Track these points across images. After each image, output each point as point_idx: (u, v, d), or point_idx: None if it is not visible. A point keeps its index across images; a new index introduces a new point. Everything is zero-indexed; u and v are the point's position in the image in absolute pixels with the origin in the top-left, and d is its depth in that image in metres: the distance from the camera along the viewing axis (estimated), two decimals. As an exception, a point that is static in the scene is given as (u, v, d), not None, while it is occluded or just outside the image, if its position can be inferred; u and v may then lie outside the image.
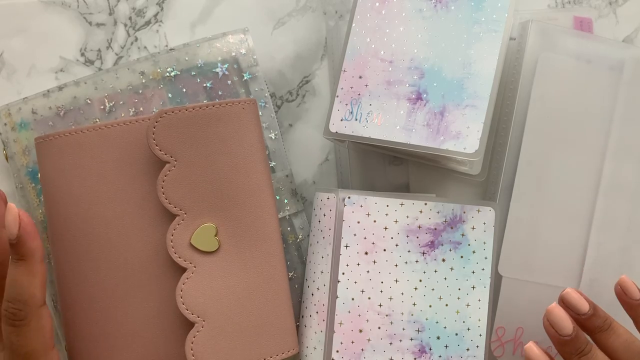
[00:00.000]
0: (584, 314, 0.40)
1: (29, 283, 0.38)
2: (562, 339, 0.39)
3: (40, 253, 0.38)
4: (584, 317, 0.40)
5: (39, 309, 0.38)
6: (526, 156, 0.46)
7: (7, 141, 0.48)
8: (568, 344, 0.39)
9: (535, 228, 0.46)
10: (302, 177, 0.51)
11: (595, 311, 0.40)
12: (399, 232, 0.44)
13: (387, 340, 0.43)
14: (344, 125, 0.45)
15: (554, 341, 0.40)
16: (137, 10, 0.52)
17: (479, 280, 0.44)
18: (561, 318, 0.40)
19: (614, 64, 0.47)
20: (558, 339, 0.40)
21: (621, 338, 0.40)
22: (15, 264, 0.38)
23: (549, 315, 0.40)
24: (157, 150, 0.42)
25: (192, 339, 0.41)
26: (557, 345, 0.40)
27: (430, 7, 0.44)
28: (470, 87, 0.42)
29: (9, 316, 0.38)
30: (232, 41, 0.49)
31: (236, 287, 0.42)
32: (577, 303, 0.40)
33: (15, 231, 0.37)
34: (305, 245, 0.49)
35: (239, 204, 0.43)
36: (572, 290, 0.41)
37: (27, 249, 0.38)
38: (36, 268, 0.38)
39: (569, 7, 0.52)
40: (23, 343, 0.38)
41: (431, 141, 0.42)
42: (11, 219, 0.37)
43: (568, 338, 0.39)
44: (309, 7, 0.52)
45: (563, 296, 0.41)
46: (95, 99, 0.48)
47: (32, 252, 0.38)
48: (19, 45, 0.51)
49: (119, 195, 0.43)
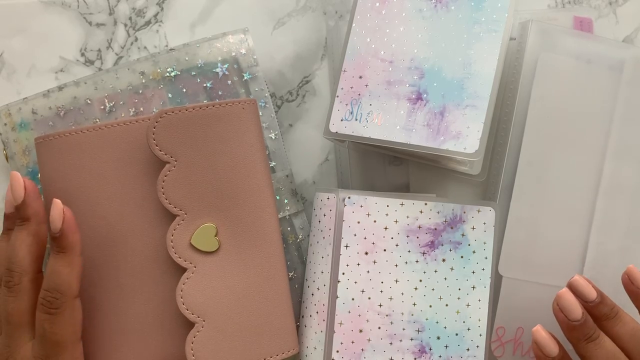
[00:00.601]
0: (591, 301, 0.40)
1: (67, 274, 0.40)
2: (571, 324, 0.40)
3: (79, 247, 0.40)
4: (591, 304, 0.40)
5: (74, 300, 0.40)
6: (526, 156, 0.46)
7: (7, 141, 0.48)
8: (577, 329, 0.40)
9: (536, 228, 0.46)
10: (302, 177, 0.51)
11: (603, 299, 0.40)
12: (399, 232, 0.44)
13: (387, 340, 0.43)
14: (344, 125, 0.45)
15: (562, 326, 0.40)
16: (137, 11, 0.52)
17: (479, 280, 0.44)
18: (571, 303, 0.40)
19: (614, 64, 0.47)
20: (567, 324, 0.40)
21: (628, 326, 0.40)
22: (56, 255, 0.40)
23: (559, 300, 0.40)
24: (157, 151, 0.42)
25: (192, 338, 0.41)
26: (566, 330, 0.40)
27: (430, 7, 0.44)
28: (470, 87, 0.42)
29: (46, 304, 0.39)
30: (232, 41, 0.49)
31: (236, 287, 0.42)
32: (585, 290, 0.40)
33: (59, 225, 0.40)
34: (305, 245, 0.49)
35: (239, 204, 0.43)
36: (580, 277, 0.41)
37: (68, 242, 0.40)
38: (75, 260, 0.40)
39: (569, 7, 0.52)
40: (55, 331, 0.39)
41: (431, 141, 0.42)
42: (56, 213, 0.40)
43: (577, 323, 0.40)
44: (309, 7, 0.52)
45: (571, 283, 0.41)
46: (95, 99, 0.48)
47: (73, 245, 0.40)
48: (19, 45, 0.51)
49: (119, 195, 0.43)
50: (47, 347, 0.39)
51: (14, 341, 0.40)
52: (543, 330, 0.41)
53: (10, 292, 0.40)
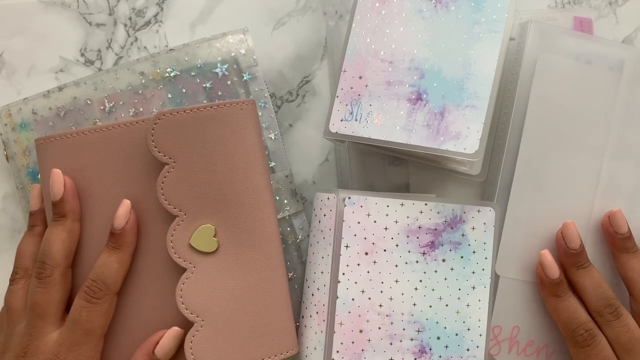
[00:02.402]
0: (621, 234, 0.45)
1: (116, 270, 0.42)
2: (569, 251, 0.44)
3: (133, 247, 0.43)
4: (620, 236, 0.45)
5: (114, 296, 0.42)
6: (525, 156, 0.46)
7: (7, 142, 0.48)
8: (572, 256, 0.44)
9: (534, 228, 0.46)
10: (302, 177, 0.51)
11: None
12: (399, 233, 0.44)
13: (387, 340, 0.44)
14: (344, 125, 0.45)
15: (560, 252, 0.45)
16: (137, 11, 0.52)
17: (479, 280, 0.44)
18: (574, 233, 0.44)
19: (614, 64, 0.47)
20: (565, 250, 0.45)
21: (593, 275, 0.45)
22: (111, 251, 0.42)
23: (564, 229, 0.45)
24: (155, 152, 0.42)
25: (192, 338, 0.41)
26: (563, 256, 0.45)
27: (430, 8, 0.44)
28: (470, 88, 0.42)
29: (89, 292, 0.41)
30: (232, 41, 0.49)
31: (235, 288, 0.42)
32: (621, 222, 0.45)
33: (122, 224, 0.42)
34: (305, 245, 0.49)
35: (238, 205, 0.43)
36: (620, 211, 0.45)
37: (125, 241, 0.42)
38: (127, 260, 0.43)
39: (569, 7, 0.52)
40: (90, 319, 0.41)
41: (431, 141, 0.42)
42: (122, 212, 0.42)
43: (574, 252, 0.44)
44: (309, 7, 0.52)
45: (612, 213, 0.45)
46: (95, 100, 0.48)
47: (129, 244, 0.43)
48: (19, 45, 0.51)
49: (118, 196, 0.43)
50: (77, 334, 0.41)
51: (37, 330, 0.41)
52: (549, 254, 0.45)
53: (40, 284, 0.42)
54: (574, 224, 0.45)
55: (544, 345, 0.46)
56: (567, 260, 0.45)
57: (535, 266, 0.46)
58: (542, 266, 0.44)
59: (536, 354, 0.47)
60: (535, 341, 0.46)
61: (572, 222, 0.45)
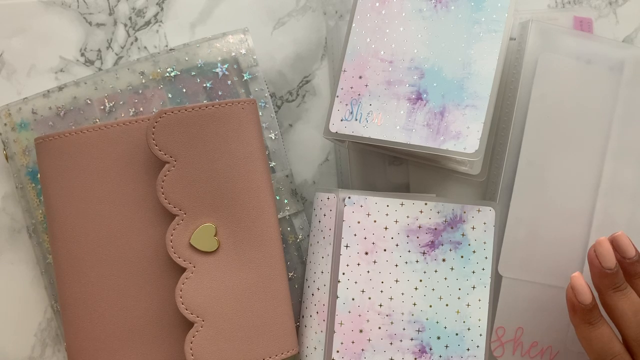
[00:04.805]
0: (629, 258, 0.41)
1: None
2: (603, 271, 0.40)
3: None
4: (628, 261, 0.41)
5: None
6: (526, 156, 0.46)
7: (7, 141, 0.48)
8: (607, 277, 0.40)
9: (535, 228, 0.46)
10: (302, 177, 0.51)
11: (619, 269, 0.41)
12: (399, 232, 0.44)
13: (388, 340, 0.43)
14: (344, 125, 0.45)
15: (594, 272, 0.41)
16: (137, 11, 0.52)
17: (479, 280, 0.44)
18: (608, 251, 0.40)
19: (614, 64, 0.47)
20: (600, 270, 0.40)
21: None
22: None
23: (597, 246, 0.41)
24: (156, 151, 0.42)
25: (192, 338, 0.41)
26: (597, 277, 0.41)
27: (430, 7, 0.44)
28: (470, 87, 0.42)
29: None
30: (232, 41, 0.49)
31: (235, 287, 0.42)
32: (626, 246, 0.41)
33: None
34: (305, 245, 0.49)
35: (238, 204, 0.43)
36: (623, 234, 0.41)
37: None
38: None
39: (569, 7, 0.52)
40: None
41: (431, 141, 0.42)
42: None
43: (609, 272, 0.40)
44: (309, 7, 0.52)
45: (615, 237, 0.41)
46: (95, 99, 0.48)
47: None
48: (19, 45, 0.51)
49: (118, 195, 0.43)
50: None
51: None
52: (581, 277, 0.41)
53: None
54: (607, 241, 0.41)
55: (547, 347, 0.46)
56: (603, 282, 0.41)
57: (538, 267, 0.46)
58: (575, 290, 0.41)
59: (540, 356, 0.46)
60: (539, 342, 0.46)
61: (606, 240, 0.41)
